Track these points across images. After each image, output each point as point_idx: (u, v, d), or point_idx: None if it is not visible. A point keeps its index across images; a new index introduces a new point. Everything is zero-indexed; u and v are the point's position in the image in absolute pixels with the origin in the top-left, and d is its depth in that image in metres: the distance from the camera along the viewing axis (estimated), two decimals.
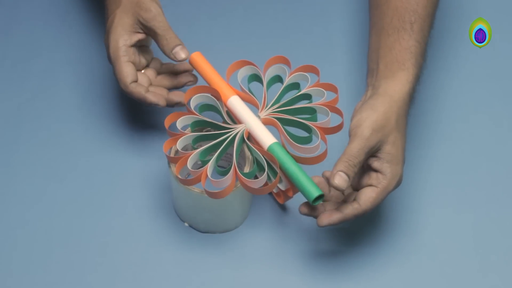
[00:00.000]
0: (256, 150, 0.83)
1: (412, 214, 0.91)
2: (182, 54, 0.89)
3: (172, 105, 0.90)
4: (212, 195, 0.81)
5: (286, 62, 0.88)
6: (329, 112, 0.85)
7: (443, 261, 0.88)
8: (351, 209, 0.81)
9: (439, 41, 1.04)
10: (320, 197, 0.80)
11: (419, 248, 0.89)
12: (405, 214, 0.91)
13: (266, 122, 0.86)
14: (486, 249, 0.89)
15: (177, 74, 0.93)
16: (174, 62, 0.92)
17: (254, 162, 0.84)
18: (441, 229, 0.90)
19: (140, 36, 0.90)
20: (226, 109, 0.87)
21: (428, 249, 0.88)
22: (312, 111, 0.86)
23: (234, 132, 0.85)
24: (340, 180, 0.79)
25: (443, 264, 0.88)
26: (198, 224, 0.89)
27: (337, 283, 0.86)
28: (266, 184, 0.81)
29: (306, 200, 0.83)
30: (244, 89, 0.88)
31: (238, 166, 0.84)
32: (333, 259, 0.88)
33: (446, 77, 1.01)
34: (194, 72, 0.93)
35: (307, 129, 0.84)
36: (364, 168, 0.83)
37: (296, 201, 0.90)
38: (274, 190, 0.91)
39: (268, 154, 0.83)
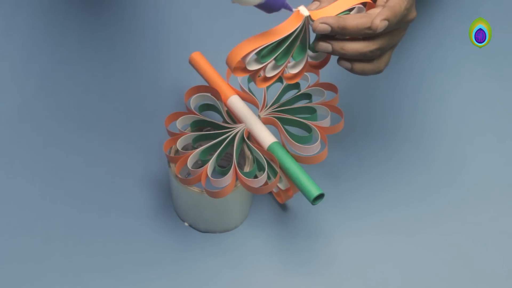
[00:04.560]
0: (256, 150, 0.83)
1: (412, 214, 0.91)
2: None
3: None
4: (212, 194, 0.81)
5: None
6: (329, 112, 0.85)
7: (444, 260, 0.88)
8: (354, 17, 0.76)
9: (439, 41, 1.05)
10: (320, 196, 0.80)
11: (419, 249, 0.89)
12: (404, 214, 0.91)
13: (266, 122, 0.86)
14: (489, 248, 0.89)
15: None
16: None
17: (254, 161, 0.84)
18: (441, 230, 0.90)
19: None
20: (226, 108, 0.87)
21: (429, 251, 0.88)
22: (312, 111, 0.86)
23: (234, 132, 0.85)
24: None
25: (444, 263, 0.88)
26: (198, 224, 0.89)
27: (337, 282, 0.86)
28: (266, 183, 0.81)
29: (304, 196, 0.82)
30: (244, 88, 0.88)
31: (238, 166, 0.84)
32: (333, 258, 0.88)
33: (446, 77, 1.02)
34: (194, 72, 0.93)
35: (307, 128, 0.85)
36: None
37: (296, 201, 0.91)
38: (274, 190, 0.91)
39: (268, 153, 0.83)
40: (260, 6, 0.75)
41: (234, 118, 0.87)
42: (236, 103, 0.87)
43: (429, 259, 0.88)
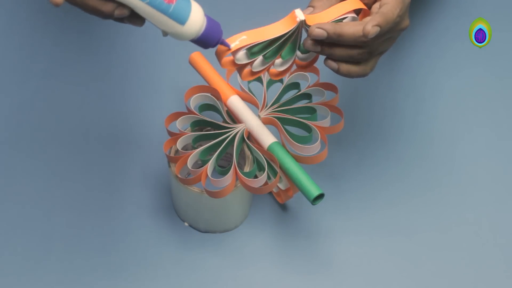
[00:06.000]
0: (256, 150, 0.83)
1: (412, 214, 0.91)
2: None
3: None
4: (212, 194, 0.82)
5: None
6: (329, 112, 0.85)
7: (444, 259, 0.88)
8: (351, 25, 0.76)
9: (439, 41, 1.05)
10: (320, 196, 0.80)
11: (419, 248, 0.89)
12: (404, 214, 0.91)
13: (266, 122, 0.86)
14: (489, 247, 0.89)
15: None
16: None
17: (254, 161, 0.84)
18: (441, 229, 0.90)
19: None
20: (226, 108, 0.87)
21: (429, 250, 0.89)
22: (312, 111, 0.86)
23: (234, 132, 0.85)
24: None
25: (444, 262, 0.88)
26: (198, 224, 0.89)
27: (337, 282, 0.86)
28: (266, 183, 0.81)
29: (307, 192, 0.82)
30: (244, 88, 0.88)
31: (238, 166, 0.84)
32: (333, 258, 0.88)
33: (446, 77, 1.02)
34: (194, 72, 0.93)
35: (307, 128, 0.85)
36: None
37: (296, 201, 0.91)
38: (274, 190, 0.91)
39: (268, 153, 0.83)
40: (194, 41, 0.76)
41: (234, 118, 0.87)
42: (236, 103, 0.87)
43: (429, 259, 0.88)
